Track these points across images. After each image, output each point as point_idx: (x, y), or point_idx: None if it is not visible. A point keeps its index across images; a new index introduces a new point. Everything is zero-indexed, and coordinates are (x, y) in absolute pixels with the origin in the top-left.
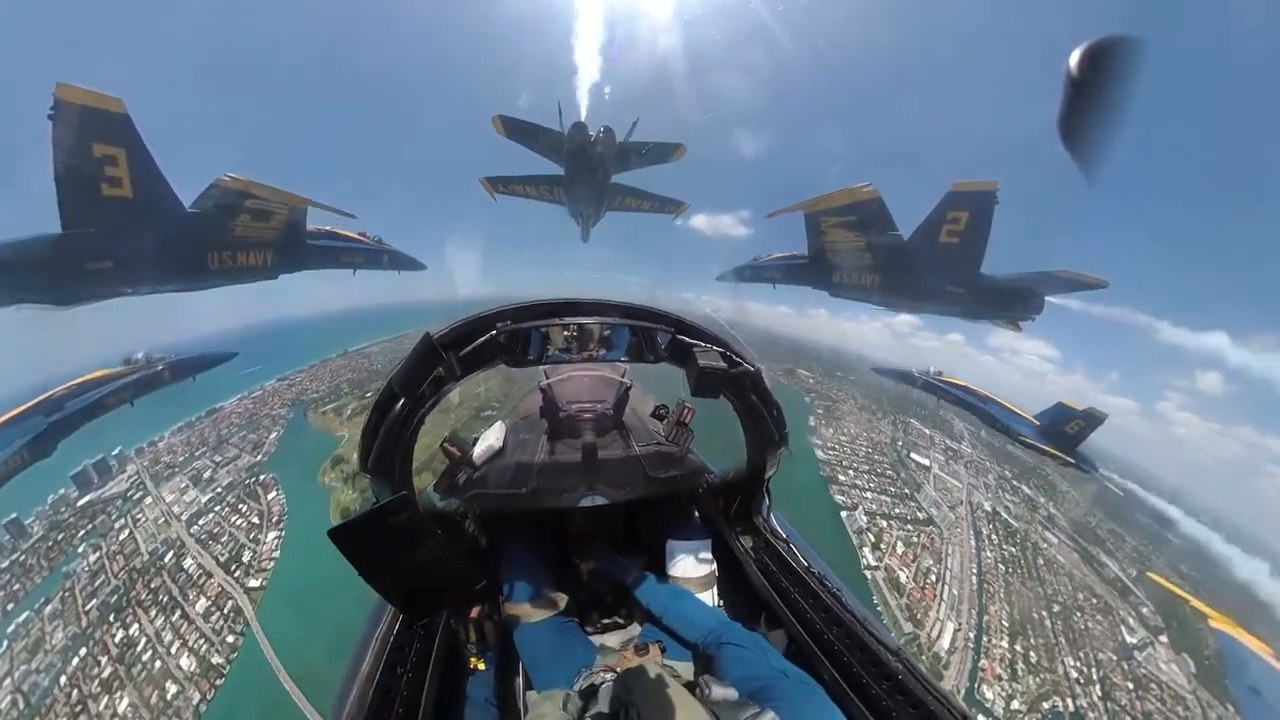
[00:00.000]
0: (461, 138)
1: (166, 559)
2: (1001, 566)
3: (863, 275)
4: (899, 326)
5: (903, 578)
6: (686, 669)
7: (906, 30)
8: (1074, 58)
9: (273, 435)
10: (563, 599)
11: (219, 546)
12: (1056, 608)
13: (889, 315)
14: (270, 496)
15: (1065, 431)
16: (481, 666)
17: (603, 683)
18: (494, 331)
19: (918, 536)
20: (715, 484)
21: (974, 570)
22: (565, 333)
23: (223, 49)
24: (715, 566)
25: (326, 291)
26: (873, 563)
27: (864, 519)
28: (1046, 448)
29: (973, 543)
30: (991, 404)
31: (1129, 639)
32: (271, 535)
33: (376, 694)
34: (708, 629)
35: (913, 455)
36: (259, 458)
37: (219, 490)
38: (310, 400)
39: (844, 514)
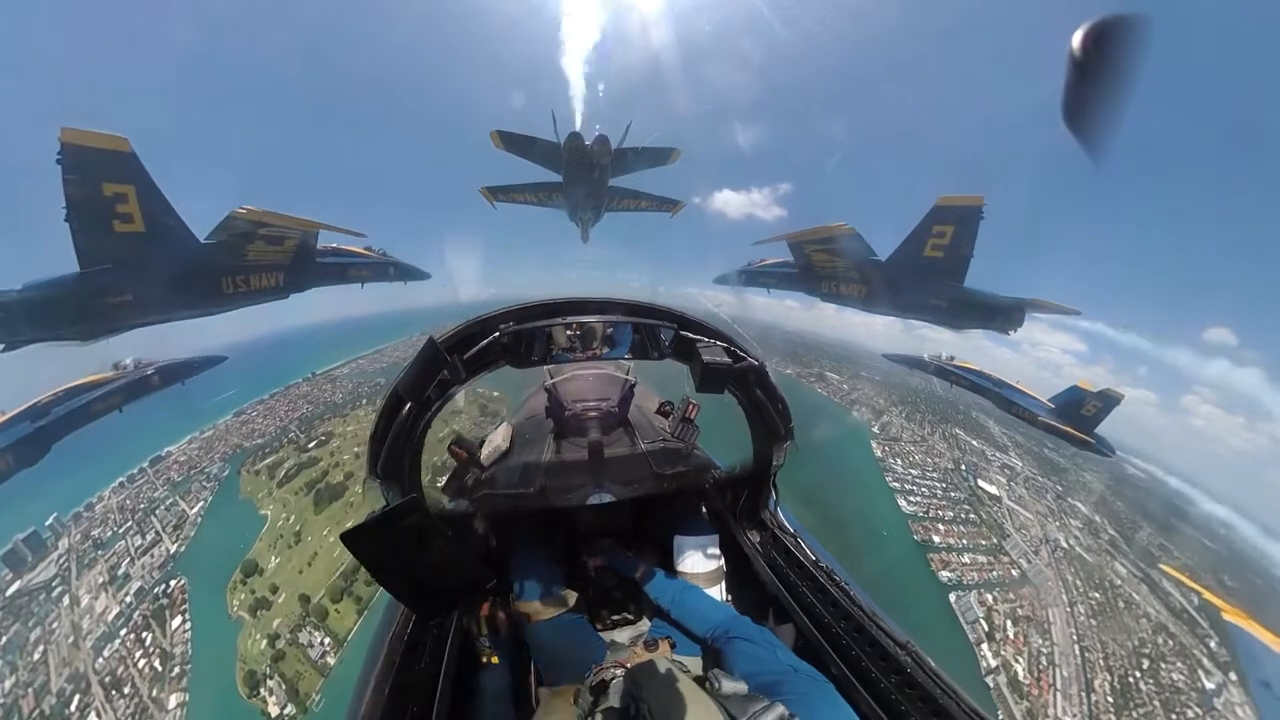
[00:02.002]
0: (457, 141)
1: (72, 707)
2: (1093, 622)
3: (849, 286)
4: (913, 320)
5: (1020, 672)
6: (696, 664)
7: (903, 10)
8: (1077, 37)
9: (197, 508)
10: (572, 596)
11: (122, 702)
12: (1146, 663)
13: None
14: (175, 625)
15: (1082, 414)
16: (495, 660)
17: (613, 678)
18: (497, 333)
19: (1021, 606)
20: (722, 479)
21: (1073, 634)
22: (569, 332)
23: (218, 70)
24: (723, 562)
25: (322, 300)
26: (992, 662)
27: (977, 605)
28: (1064, 427)
29: (1064, 597)
30: (1005, 387)
31: (1207, 684)
32: (173, 701)
33: (392, 691)
34: (716, 624)
35: (980, 483)
36: (176, 546)
37: (128, 599)
38: (251, 450)
39: (953, 596)
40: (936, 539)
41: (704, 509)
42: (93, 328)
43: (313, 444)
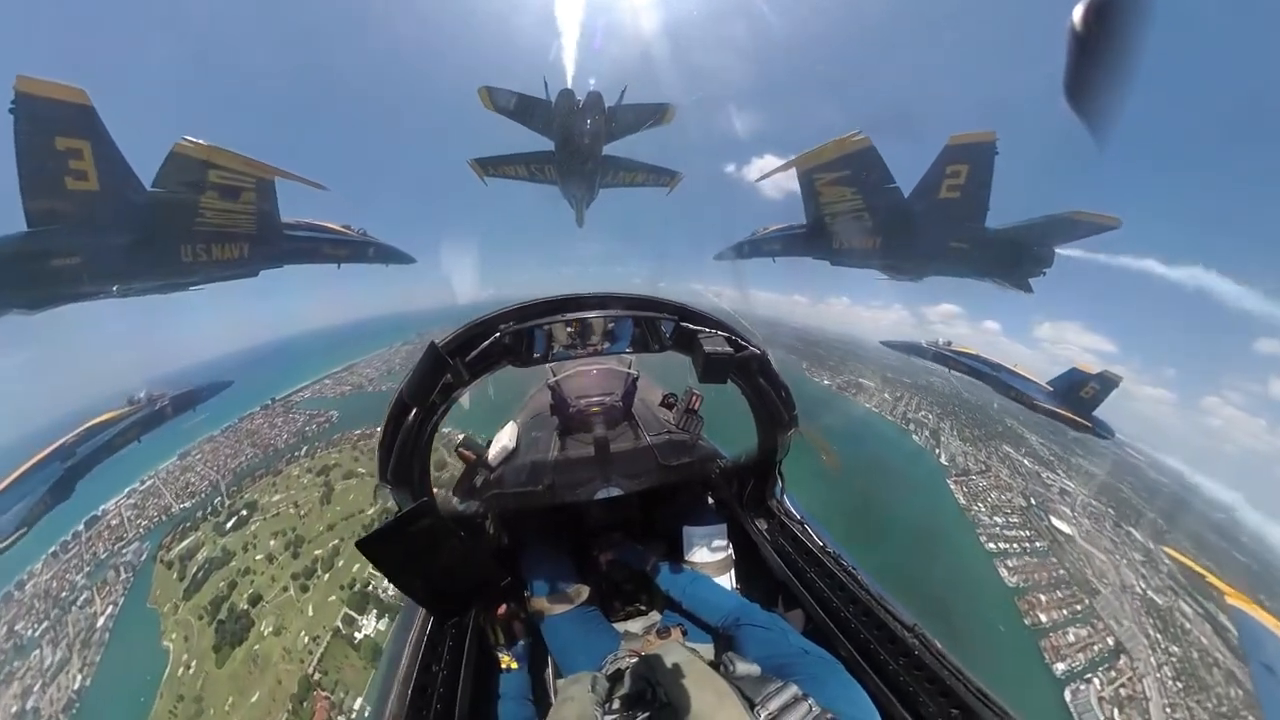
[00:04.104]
0: (451, 136)
1: None
2: (1178, 684)
3: (863, 237)
4: (930, 316)
5: None
6: (708, 651)
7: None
8: (1078, 11)
9: (107, 614)
10: (584, 590)
11: None
12: None
13: (917, 305)
14: None
15: (1080, 397)
16: (514, 666)
17: (628, 666)
18: (497, 334)
19: (1124, 685)
20: (728, 469)
21: (1166, 706)
22: (569, 329)
23: (197, 40)
24: (731, 550)
25: (318, 294)
26: None
27: (1098, 708)
28: (1062, 411)
29: (1153, 660)
30: (1004, 371)
31: None
32: None
33: (414, 692)
34: (727, 611)
35: (1054, 522)
36: (80, 676)
37: None
38: (177, 519)
39: (1068, 694)
40: (1044, 617)
41: (711, 499)
42: (39, 295)
43: (231, 524)
